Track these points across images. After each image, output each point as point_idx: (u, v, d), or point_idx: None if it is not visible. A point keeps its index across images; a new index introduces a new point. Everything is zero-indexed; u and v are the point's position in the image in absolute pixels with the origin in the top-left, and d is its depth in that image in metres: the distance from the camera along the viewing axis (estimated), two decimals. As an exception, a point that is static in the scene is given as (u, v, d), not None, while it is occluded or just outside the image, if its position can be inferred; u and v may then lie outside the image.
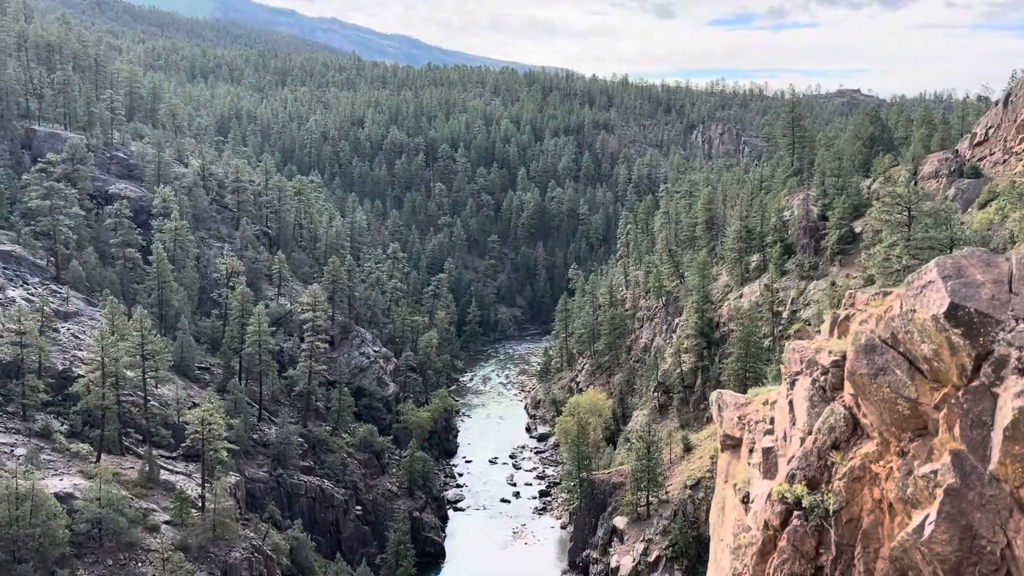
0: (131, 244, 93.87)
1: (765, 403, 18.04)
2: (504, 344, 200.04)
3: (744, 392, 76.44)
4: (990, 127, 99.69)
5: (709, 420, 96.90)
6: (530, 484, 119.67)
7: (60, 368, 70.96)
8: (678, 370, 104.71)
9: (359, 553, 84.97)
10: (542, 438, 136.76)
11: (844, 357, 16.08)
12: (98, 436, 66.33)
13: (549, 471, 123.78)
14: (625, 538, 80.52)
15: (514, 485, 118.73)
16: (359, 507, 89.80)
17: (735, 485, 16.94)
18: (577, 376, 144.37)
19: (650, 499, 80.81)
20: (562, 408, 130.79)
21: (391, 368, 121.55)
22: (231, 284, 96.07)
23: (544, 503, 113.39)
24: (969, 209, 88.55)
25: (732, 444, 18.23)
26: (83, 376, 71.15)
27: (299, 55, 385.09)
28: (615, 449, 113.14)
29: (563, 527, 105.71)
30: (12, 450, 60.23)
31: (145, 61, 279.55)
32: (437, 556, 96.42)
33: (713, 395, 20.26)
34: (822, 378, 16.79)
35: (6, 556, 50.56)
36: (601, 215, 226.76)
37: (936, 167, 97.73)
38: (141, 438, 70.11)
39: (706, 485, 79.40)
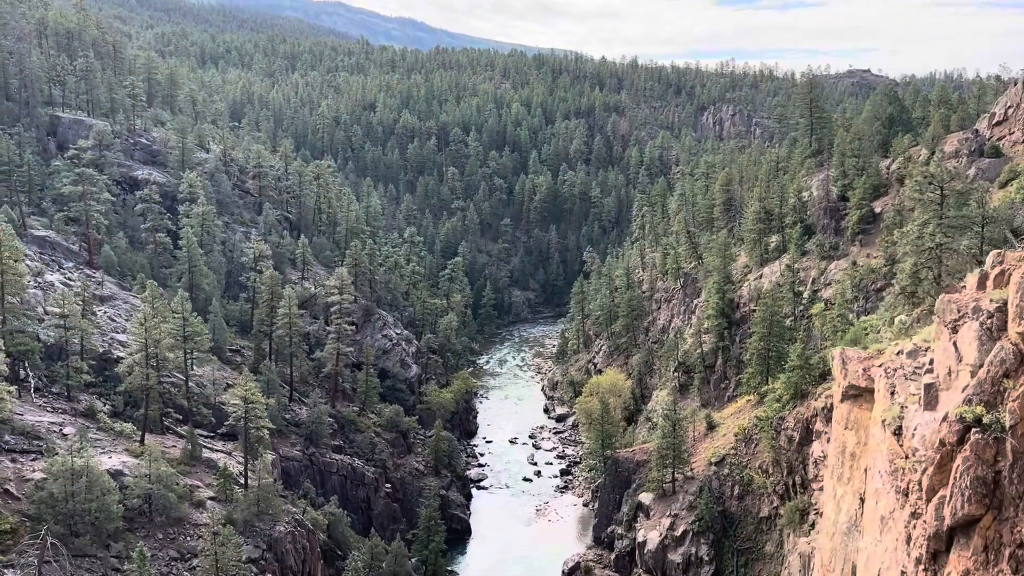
0: (161, 229, 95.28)
1: (898, 354, 19.44)
2: (518, 327, 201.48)
3: (765, 373, 77.28)
4: (1009, 107, 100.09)
5: (731, 399, 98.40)
6: (550, 463, 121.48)
7: (100, 350, 72.60)
8: (699, 350, 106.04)
9: (389, 529, 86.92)
10: (560, 419, 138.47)
11: (1006, 303, 18.76)
12: (140, 416, 68.04)
13: (569, 451, 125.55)
14: (651, 513, 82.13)
15: (535, 464, 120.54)
16: (388, 485, 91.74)
17: (883, 421, 18.36)
18: (594, 357, 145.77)
19: (675, 476, 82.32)
20: (580, 389, 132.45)
21: (413, 350, 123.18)
22: (259, 268, 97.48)
23: (565, 482, 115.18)
24: (990, 188, 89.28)
25: (855, 394, 19.61)
26: (123, 358, 72.87)
27: (307, 39, 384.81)
28: (634, 428, 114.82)
29: (585, 505, 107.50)
30: (60, 429, 61.98)
31: (155, 47, 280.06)
32: (463, 533, 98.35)
33: (835, 352, 21.52)
34: (988, 321, 19.42)
35: (64, 530, 52.32)
36: (613, 198, 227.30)
37: (956, 147, 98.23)
38: (181, 418, 71.83)
39: (730, 462, 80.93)
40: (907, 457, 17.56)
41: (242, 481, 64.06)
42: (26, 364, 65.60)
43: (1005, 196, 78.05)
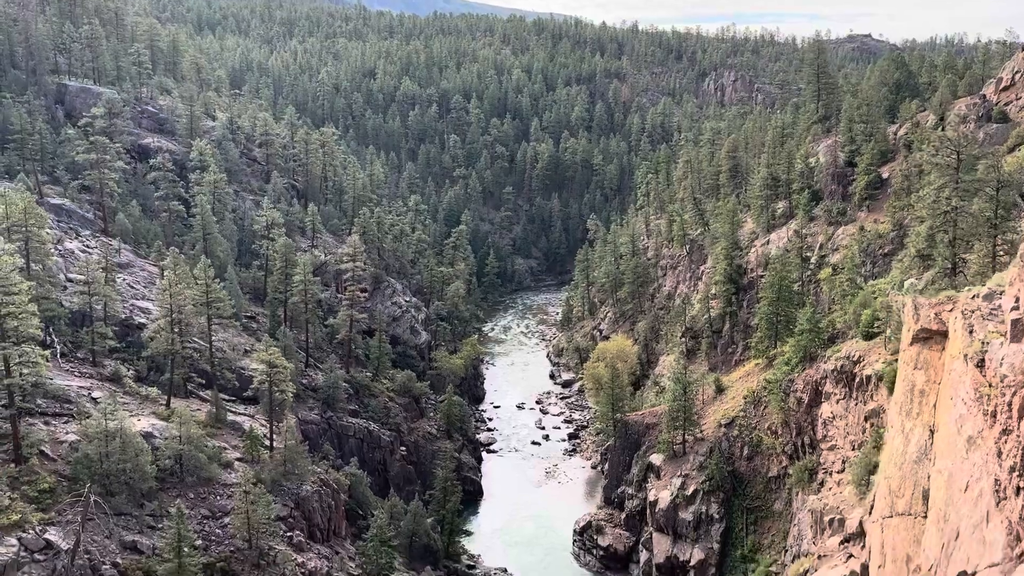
0: (174, 197, 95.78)
1: (973, 297, 20.61)
2: (521, 295, 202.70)
3: (774, 337, 78.73)
4: (1016, 72, 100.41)
5: (738, 363, 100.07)
6: (558, 428, 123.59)
7: (122, 317, 73.69)
8: (706, 316, 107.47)
9: (405, 490, 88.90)
10: (566, 384, 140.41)
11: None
12: (164, 381, 69.36)
13: (576, 415, 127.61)
14: (662, 474, 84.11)
15: (543, 429, 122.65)
16: (403, 448, 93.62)
17: (965, 356, 19.59)
18: (600, 324, 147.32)
19: (686, 437, 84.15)
20: (586, 356, 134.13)
21: (422, 317, 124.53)
22: (271, 236, 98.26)
23: (574, 445, 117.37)
24: (990, 154, 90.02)
25: (925, 336, 20.83)
26: (144, 324, 74.06)
27: (304, 5, 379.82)
28: (641, 393, 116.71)
29: (593, 467, 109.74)
30: (90, 393, 63.30)
31: (151, 13, 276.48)
32: (476, 494, 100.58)
33: (907, 299, 22.75)
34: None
35: (100, 490, 53.82)
36: (615, 165, 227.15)
37: (964, 112, 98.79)
38: (204, 382, 73.19)
39: (740, 424, 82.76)
40: (991, 385, 18.81)
41: (267, 443, 65.59)
42: (51, 330, 66.65)
43: (1014, 161, 79.01)
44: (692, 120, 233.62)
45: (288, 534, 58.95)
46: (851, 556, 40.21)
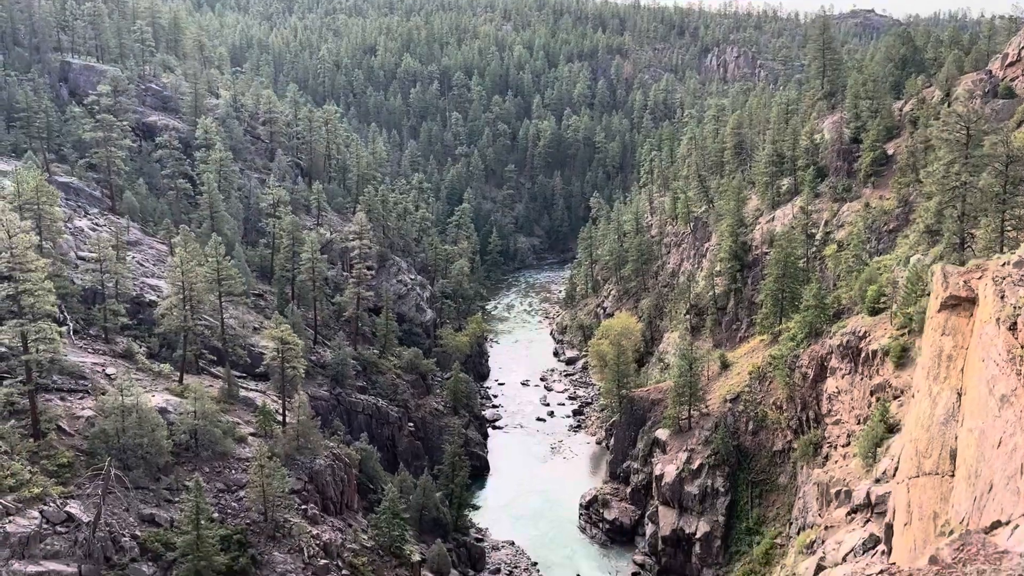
0: (180, 175, 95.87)
1: (1004, 264, 21.11)
2: (524, 273, 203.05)
3: (779, 313, 79.49)
4: (1022, 47, 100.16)
5: (743, 340, 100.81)
6: (563, 404, 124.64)
7: (133, 294, 74.19)
8: (711, 292, 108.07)
9: (413, 465, 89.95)
10: (570, 362, 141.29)
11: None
12: (177, 357, 70.04)
13: (580, 392, 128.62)
14: (668, 448, 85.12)
15: (547, 405, 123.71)
16: (411, 424, 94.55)
17: (997, 319, 20.14)
18: (603, 302, 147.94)
19: (691, 412, 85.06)
20: (589, 333, 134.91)
21: (427, 295, 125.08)
22: (277, 214, 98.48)
23: (578, 421, 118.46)
24: (1000, 129, 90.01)
25: (954, 304, 21.37)
26: (155, 301, 74.58)
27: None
28: (646, 370, 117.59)
29: (598, 443, 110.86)
30: (103, 369, 63.97)
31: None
32: (482, 469, 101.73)
33: (937, 268, 23.29)
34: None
35: (117, 464, 54.61)
36: (618, 143, 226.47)
37: (970, 88, 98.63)
38: (215, 359, 73.86)
39: (745, 399, 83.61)
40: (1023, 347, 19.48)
41: (279, 418, 66.37)
42: (64, 308, 67.15)
43: (1021, 136, 79.16)
44: (695, 97, 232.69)
45: (302, 507, 59.85)
46: (868, 521, 41.07)
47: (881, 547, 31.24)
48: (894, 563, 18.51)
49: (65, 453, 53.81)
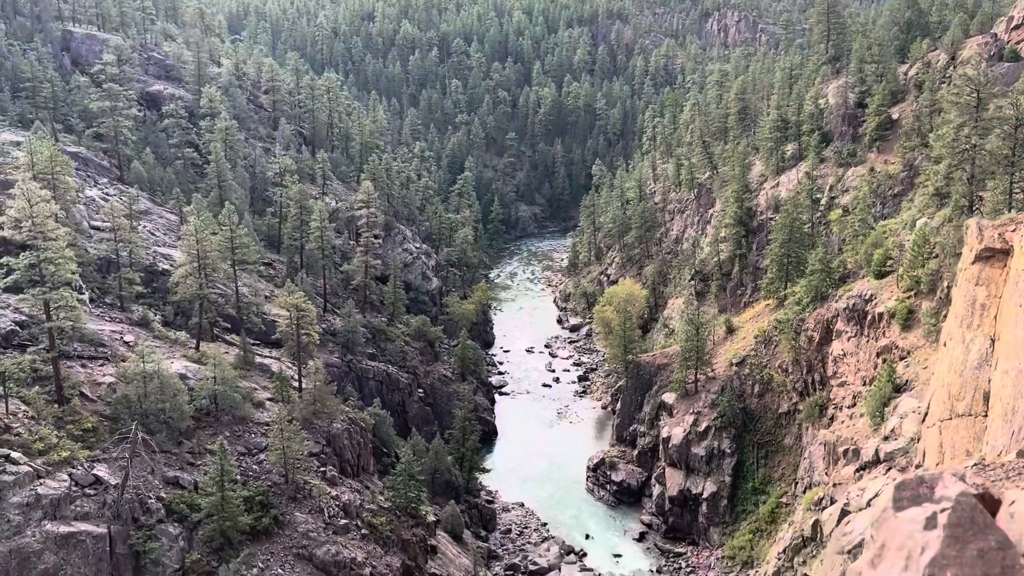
0: (188, 145, 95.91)
1: None
2: (525, 241, 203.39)
3: (784, 278, 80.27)
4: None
5: (747, 305, 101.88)
6: (568, 370, 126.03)
7: (147, 263, 74.85)
8: (716, 258, 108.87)
9: (423, 431, 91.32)
10: (574, 329, 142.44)
11: None
12: (190, 325, 70.93)
13: (584, 358, 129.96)
14: (675, 412, 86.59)
15: (553, 371, 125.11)
16: (420, 390, 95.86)
17: None
18: (607, 269, 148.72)
19: (698, 376, 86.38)
20: (593, 300, 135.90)
21: (432, 263, 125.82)
22: (283, 183, 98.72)
23: (584, 387, 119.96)
24: (1010, 93, 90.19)
25: (988, 255, 22.20)
26: (168, 270, 75.30)
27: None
28: (650, 336, 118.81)
29: (604, 408, 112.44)
30: (121, 337, 64.88)
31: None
32: (490, 434, 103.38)
33: (971, 222, 24.15)
34: None
35: (141, 429, 55.74)
36: (618, 109, 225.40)
37: (975, 51, 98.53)
38: (229, 327, 74.77)
39: (751, 362, 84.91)
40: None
41: (295, 384, 67.49)
42: (80, 277, 67.78)
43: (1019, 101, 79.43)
44: (696, 63, 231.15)
45: (321, 469, 61.20)
46: (891, 468, 42.43)
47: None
48: (983, 456, 19.55)
49: (89, 418, 54.89)
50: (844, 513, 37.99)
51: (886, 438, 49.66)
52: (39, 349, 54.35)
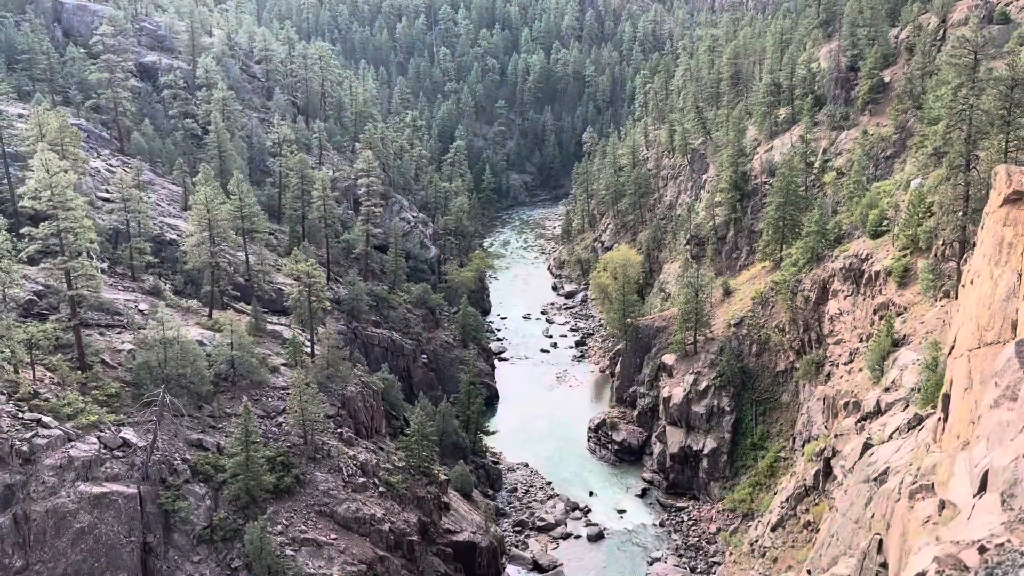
0: (187, 115, 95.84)
1: None
2: (517, 210, 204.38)
3: (780, 240, 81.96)
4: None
5: (743, 268, 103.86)
6: (565, 336, 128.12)
7: (155, 233, 75.52)
8: (711, 223, 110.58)
9: (428, 395, 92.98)
10: (570, 295, 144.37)
11: None
12: (201, 294, 71.95)
13: (581, 324, 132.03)
14: (674, 372, 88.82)
15: (550, 337, 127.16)
16: (424, 356, 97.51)
17: None
18: (601, 236, 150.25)
19: (697, 337, 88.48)
20: (587, 267, 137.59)
21: (430, 232, 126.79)
22: (283, 152, 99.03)
23: (581, 351, 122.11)
24: (1006, 54, 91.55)
25: (1015, 198, 23.89)
26: (175, 240, 76.08)
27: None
28: (647, 300, 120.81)
29: (602, 371, 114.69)
30: (136, 305, 65.88)
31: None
32: (492, 398, 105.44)
33: (999, 168, 25.74)
34: None
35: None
36: (607, 76, 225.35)
37: (966, 14, 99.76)
38: (239, 295, 75.80)
39: (748, 323, 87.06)
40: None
41: (308, 349, 68.86)
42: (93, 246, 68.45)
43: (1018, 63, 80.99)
44: (684, 28, 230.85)
45: (337, 431, 62.91)
46: (907, 407, 44.53)
47: (929, 422, 34.24)
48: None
49: (112, 384, 56.12)
50: (867, 447, 40.05)
51: (887, 389, 51.83)
52: (60, 318, 55.29)
